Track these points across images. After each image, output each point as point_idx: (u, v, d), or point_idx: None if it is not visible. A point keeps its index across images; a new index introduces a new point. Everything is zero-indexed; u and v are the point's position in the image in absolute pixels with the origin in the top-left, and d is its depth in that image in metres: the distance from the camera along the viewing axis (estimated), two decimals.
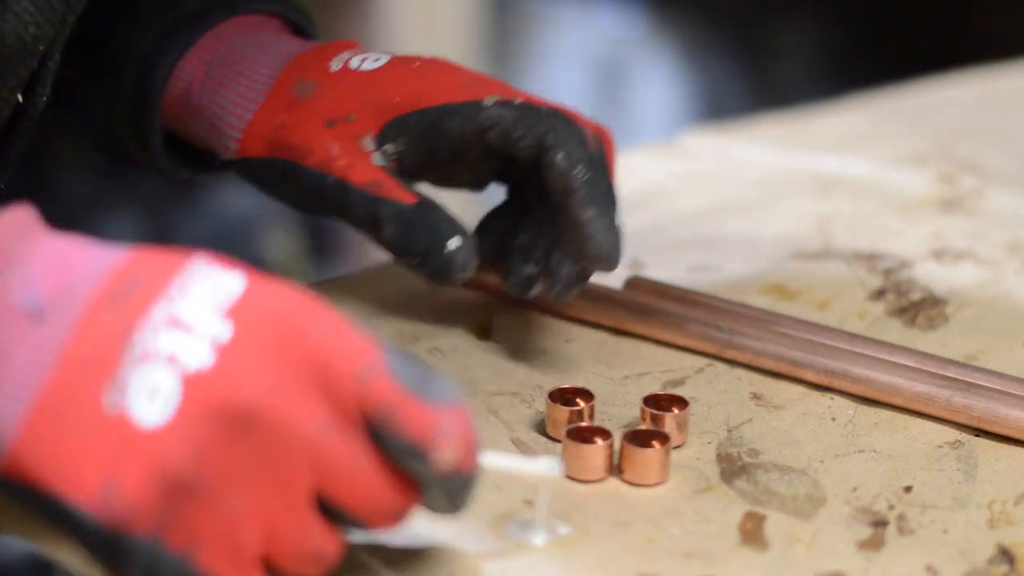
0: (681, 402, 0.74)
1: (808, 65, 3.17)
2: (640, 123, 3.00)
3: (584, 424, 0.72)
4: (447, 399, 0.57)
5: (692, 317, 0.82)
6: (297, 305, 0.57)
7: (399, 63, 0.76)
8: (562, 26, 3.29)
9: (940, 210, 1.04)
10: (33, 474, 0.56)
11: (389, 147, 0.74)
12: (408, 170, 0.76)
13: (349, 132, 0.74)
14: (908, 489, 0.71)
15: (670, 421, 0.73)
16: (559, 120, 0.73)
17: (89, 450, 0.55)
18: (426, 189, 0.78)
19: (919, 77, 1.32)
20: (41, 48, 0.71)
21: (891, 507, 0.70)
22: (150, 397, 0.56)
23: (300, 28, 0.82)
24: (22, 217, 0.58)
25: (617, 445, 0.71)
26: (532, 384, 0.78)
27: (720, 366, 0.81)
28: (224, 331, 0.56)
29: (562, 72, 3.17)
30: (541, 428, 0.74)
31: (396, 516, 0.58)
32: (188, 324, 0.56)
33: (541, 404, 0.76)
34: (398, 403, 0.56)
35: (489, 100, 0.74)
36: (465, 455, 0.57)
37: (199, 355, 0.56)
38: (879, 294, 0.90)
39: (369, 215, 0.72)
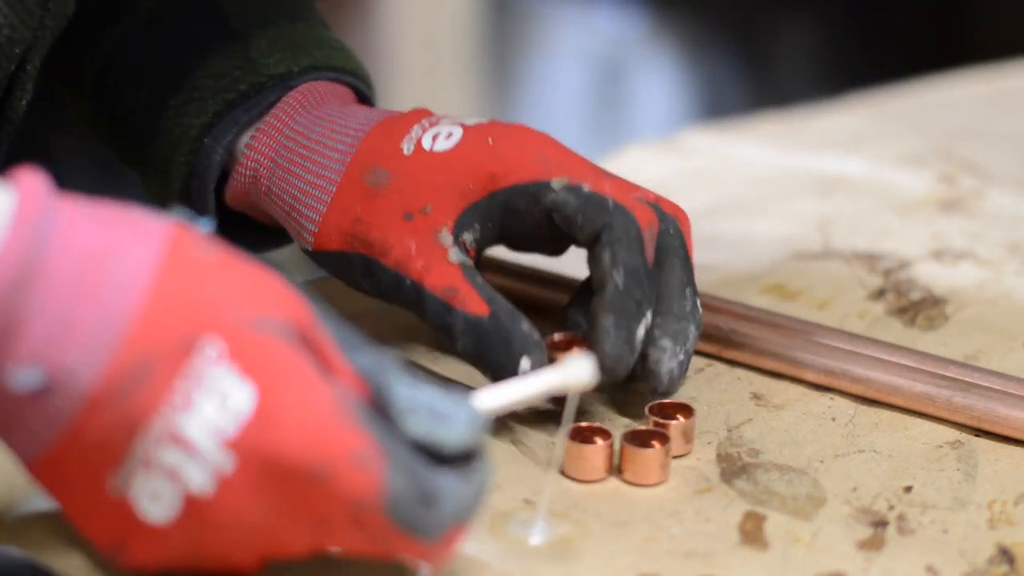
0: (686, 409, 0.73)
1: (808, 65, 3.17)
2: (640, 122, 3.00)
3: (584, 424, 0.72)
4: (440, 534, 0.57)
5: None
6: (304, 438, 0.56)
7: (472, 138, 0.74)
8: (562, 26, 3.29)
9: (940, 210, 1.04)
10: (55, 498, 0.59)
11: (467, 236, 0.73)
12: (485, 247, 0.76)
13: (427, 225, 0.72)
14: (908, 489, 0.71)
15: (675, 430, 0.72)
16: (618, 216, 0.72)
17: (95, 518, 0.58)
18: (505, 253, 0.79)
19: (919, 77, 1.32)
20: (18, 51, 0.70)
21: (891, 507, 0.70)
22: (151, 499, 0.57)
23: (359, 92, 0.81)
24: (34, 205, 0.56)
25: (617, 445, 0.71)
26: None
27: (720, 366, 0.81)
28: (226, 463, 0.56)
29: (562, 72, 3.17)
30: (541, 428, 0.74)
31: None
32: (191, 445, 0.56)
33: (542, 404, 0.76)
34: (391, 538, 0.57)
35: (557, 183, 0.73)
36: (445, 561, 0.59)
37: (200, 480, 0.57)
38: (879, 294, 0.90)
39: (444, 325, 0.72)
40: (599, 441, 0.71)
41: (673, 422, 0.73)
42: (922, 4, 3.04)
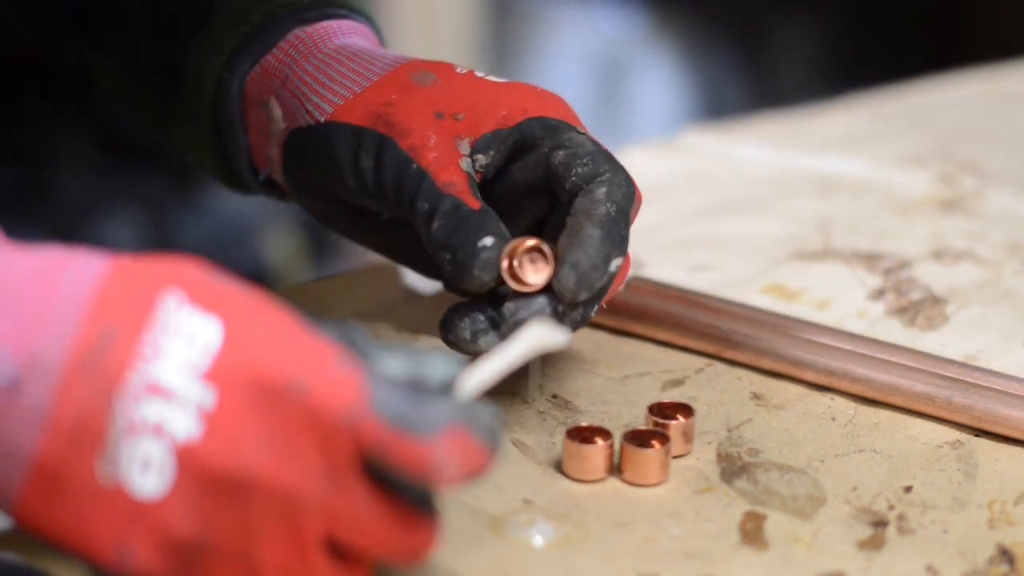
0: (686, 409, 0.73)
1: (808, 65, 3.17)
2: (640, 122, 3.00)
3: (584, 424, 0.72)
4: (437, 426, 0.56)
5: (692, 317, 0.82)
6: (275, 354, 0.56)
7: (524, 84, 0.76)
8: (562, 26, 3.29)
9: (940, 210, 1.04)
10: (46, 532, 0.57)
11: (480, 157, 0.74)
12: (491, 175, 0.75)
13: (452, 129, 0.74)
14: (908, 489, 0.71)
15: (675, 430, 0.72)
16: (621, 173, 0.73)
17: (93, 519, 0.56)
18: None
19: (919, 77, 1.32)
20: None
21: (891, 507, 0.70)
22: (143, 468, 0.56)
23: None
24: None
25: (617, 445, 0.71)
26: (533, 384, 0.78)
27: (720, 366, 0.81)
28: (207, 397, 0.56)
29: (562, 72, 3.17)
30: (541, 428, 0.74)
31: (413, 551, 0.58)
32: (169, 391, 0.56)
33: (542, 404, 0.76)
34: (388, 443, 0.56)
35: (582, 130, 0.74)
36: (471, 469, 0.57)
37: (186, 425, 0.56)
38: (879, 294, 0.90)
39: (431, 207, 0.72)
40: (599, 441, 0.71)
41: (673, 422, 0.73)
42: (922, 4, 3.04)
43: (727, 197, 1.05)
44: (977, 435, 0.76)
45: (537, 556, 0.65)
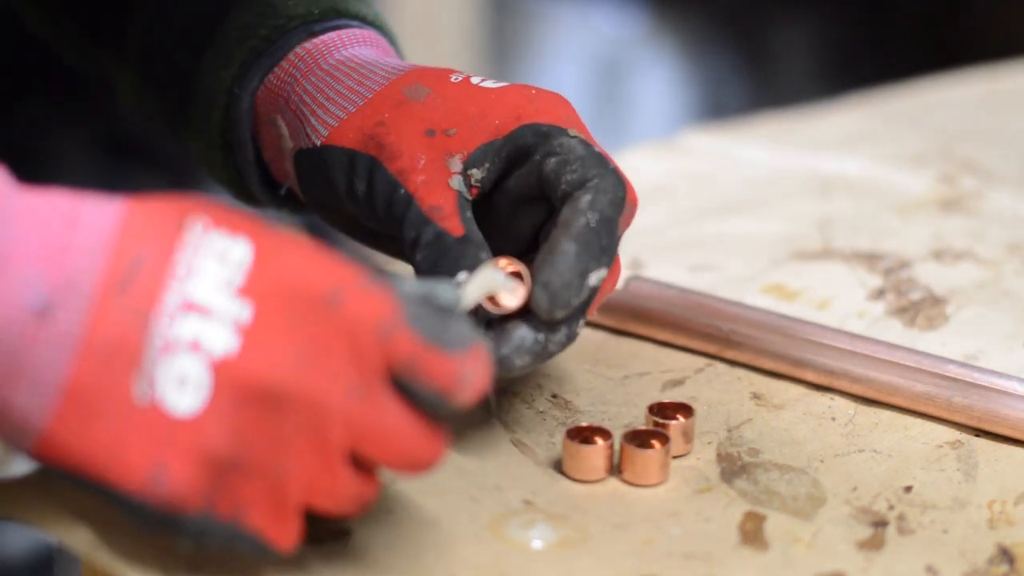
0: (686, 409, 0.73)
1: (808, 65, 3.17)
2: (640, 122, 3.00)
3: (584, 424, 0.72)
4: (465, 345, 0.58)
5: (692, 317, 0.82)
6: (309, 269, 0.58)
7: (518, 86, 0.75)
8: (562, 26, 3.29)
9: (940, 210, 1.04)
10: (72, 462, 0.57)
11: (475, 172, 0.73)
12: (488, 187, 0.75)
13: (443, 146, 0.73)
14: (908, 489, 0.71)
15: (675, 430, 0.72)
16: (612, 176, 0.71)
17: (128, 440, 0.57)
18: None
19: (919, 77, 1.32)
20: None
21: (891, 507, 0.70)
22: (179, 386, 0.57)
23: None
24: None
25: (617, 445, 0.71)
26: (533, 384, 0.78)
27: (720, 366, 0.81)
28: (244, 311, 0.57)
29: (562, 72, 3.17)
30: (540, 428, 0.74)
31: (428, 463, 0.60)
32: (205, 307, 0.57)
33: (541, 404, 0.76)
34: (420, 356, 0.58)
35: (573, 132, 0.73)
36: (484, 388, 0.60)
37: (223, 340, 0.57)
38: (879, 294, 0.90)
39: (416, 235, 0.72)
40: (599, 441, 0.71)
41: (673, 422, 0.73)
42: (922, 4, 3.04)
43: (727, 197, 1.05)
44: (977, 435, 0.76)
45: (536, 557, 0.65)
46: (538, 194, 0.73)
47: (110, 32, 0.84)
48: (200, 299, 0.57)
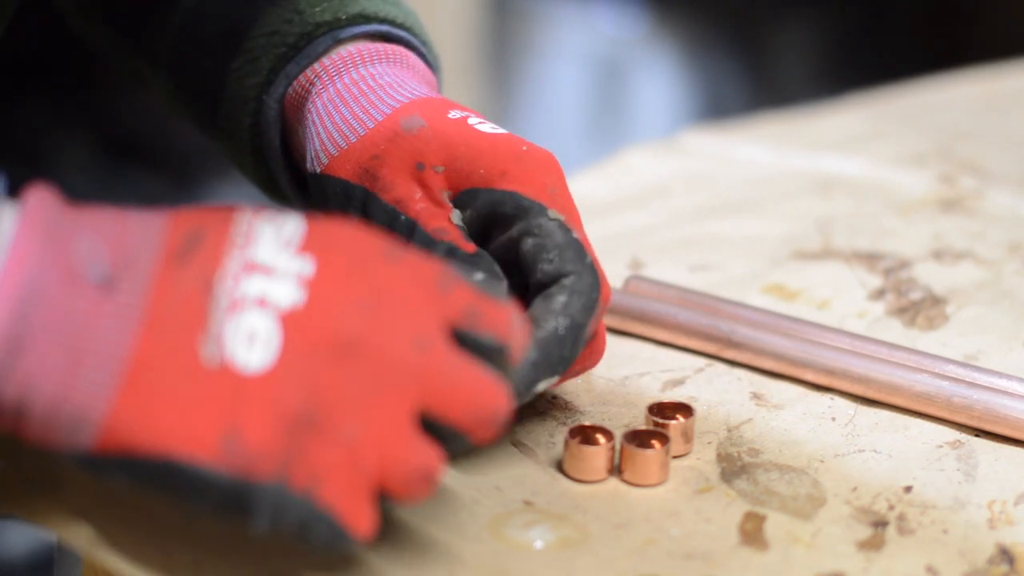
0: (686, 409, 0.73)
1: (808, 65, 3.17)
2: (640, 123, 3.00)
3: (585, 424, 0.72)
4: (504, 299, 0.60)
5: (692, 317, 0.82)
6: (362, 232, 0.59)
7: (511, 137, 0.74)
8: (562, 26, 3.29)
9: (940, 210, 1.04)
10: (138, 441, 0.56)
11: (459, 213, 0.73)
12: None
13: (434, 182, 0.73)
14: (908, 489, 0.71)
15: (675, 430, 0.72)
16: (590, 274, 0.71)
17: (199, 405, 0.56)
18: None
19: (919, 77, 1.32)
20: None
21: (891, 507, 0.70)
22: (249, 343, 0.56)
23: (417, 51, 0.82)
24: (49, 197, 0.57)
25: (617, 446, 0.71)
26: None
27: (720, 366, 0.81)
28: (306, 266, 0.57)
29: (562, 72, 3.17)
30: (540, 428, 0.74)
31: (496, 411, 0.59)
32: (268, 266, 0.57)
33: (541, 405, 0.76)
34: (481, 305, 0.59)
35: (554, 213, 0.72)
36: (523, 345, 0.61)
37: (289, 293, 0.57)
38: (879, 294, 0.90)
39: (425, 252, 0.72)
40: (601, 441, 0.71)
41: (673, 422, 0.73)
42: (922, 4, 3.04)
43: (727, 197, 1.05)
44: (977, 435, 0.76)
45: (537, 558, 0.65)
46: (515, 263, 0.73)
47: (144, 37, 0.85)
48: (262, 259, 0.57)
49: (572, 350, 0.70)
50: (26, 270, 0.55)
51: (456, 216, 0.73)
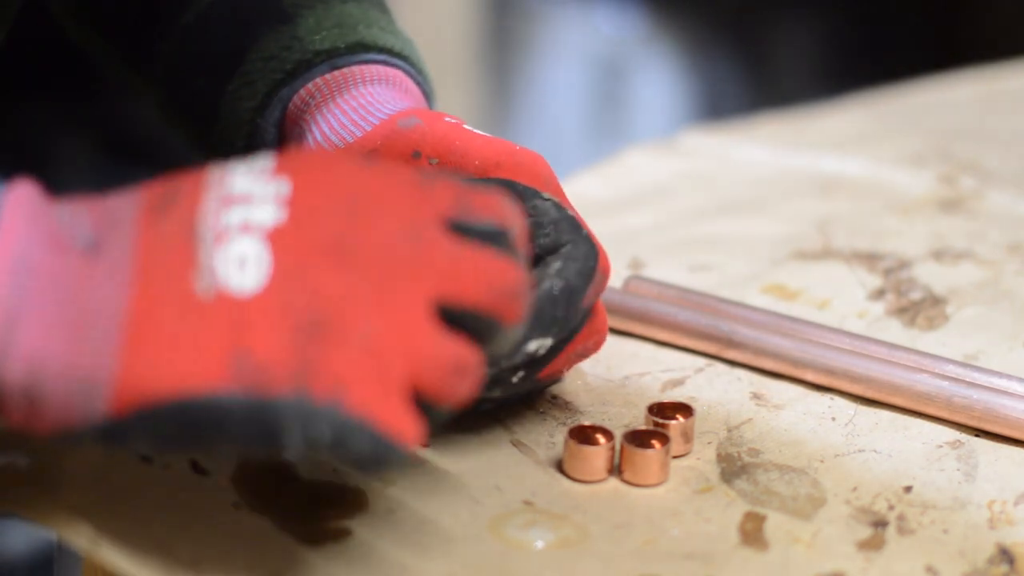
0: (686, 409, 0.73)
1: (808, 65, 3.17)
2: (640, 123, 3.00)
3: (585, 424, 0.72)
4: (489, 186, 0.60)
5: (692, 317, 0.82)
6: (333, 152, 0.60)
7: (503, 141, 0.76)
8: (562, 26, 3.29)
9: (940, 210, 1.04)
10: (152, 390, 0.55)
11: None
12: None
13: (428, 170, 0.74)
14: (908, 489, 0.71)
15: (675, 430, 0.72)
16: (586, 244, 0.71)
17: (203, 339, 0.55)
18: None
19: (919, 77, 1.32)
20: None
21: (891, 507, 0.70)
22: (240, 267, 0.56)
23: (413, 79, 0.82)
24: (31, 184, 0.58)
25: (617, 446, 0.71)
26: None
27: (720, 366, 0.81)
28: (282, 187, 0.58)
29: (562, 72, 3.17)
30: (540, 428, 0.74)
31: (514, 284, 0.58)
32: (245, 195, 0.57)
33: (541, 405, 0.76)
34: (468, 194, 0.59)
35: (548, 195, 0.73)
36: (522, 231, 0.60)
37: (270, 213, 0.57)
38: (879, 294, 0.90)
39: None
40: (601, 441, 0.71)
41: (673, 422, 0.73)
42: (922, 4, 3.04)
43: (727, 197, 1.05)
44: (977, 435, 0.76)
45: (537, 558, 0.65)
46: None
47: (142, 54, 0.85)
48: (238, 190, 0.57)
49: (566, 312, 0.70)
50: (14, 244, 0.55)
51: None
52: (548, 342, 0.70)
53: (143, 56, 0.85)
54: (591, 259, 0.71)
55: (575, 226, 0.72)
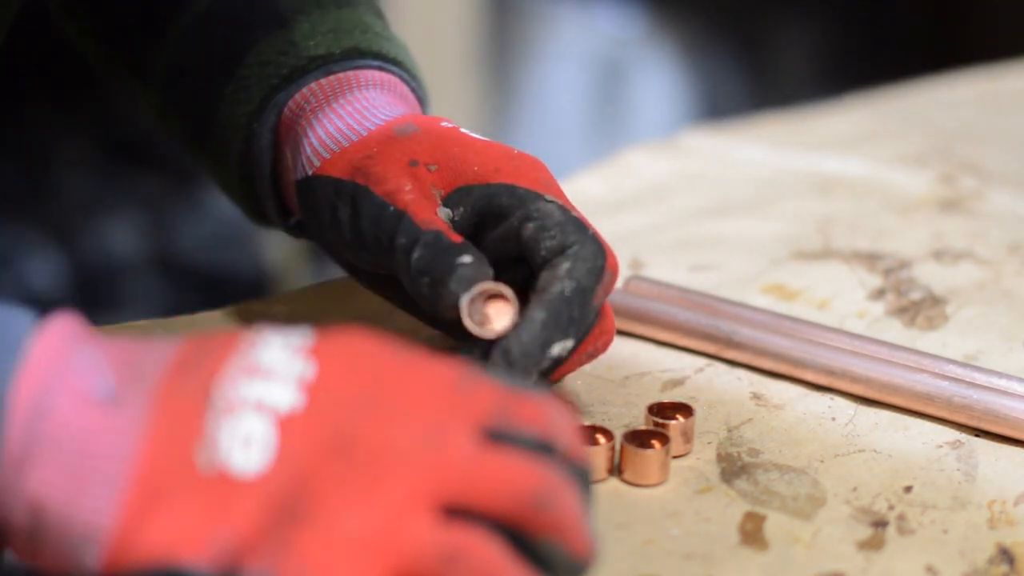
0: (686, 409, 0.73)
1: (808, 65, 3.17)
2: (640, 123, 3.00)
3: (586, 424, 0.72)
4: (544, 393, 0.57)
5: (692, 317, 0.82)
6: (372, 340, 0.57)
7: (501, 145, 0.75)
8: (562, 26, 3.29)
9: (940, 210, 1.04)
10: (140, 555, 0.55)
11: (448, 212, 0.73)
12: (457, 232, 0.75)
13: (425, 178, 0.74)
14: (908, 489, 0.71)
15: (675, 430, 0.72)
16: (592, 243, 0.71)
17: (194, 513, 0.54)
18: None
19: (919, 77, 1.32)
20: None
21: (891, 507, 0.70)
22: (244, 446, 0.55)
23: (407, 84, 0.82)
24: (71, 322, 0.57)
25: (617, 446, 0.71)
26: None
27: (720, 366, 0.81)
28: (308, 369, 0.56)
29: (562, 72, 3.17)
30: None
31: (536, 500, 0.54)
32: (269, 370, 0.56)
33: None
34: (510, 401, 0.56)
35: (550, 197, 0.73)
36: (576, 440, 0.56)
37: (288, 396, 0.55)
38: (879, 294, 0.90)
39: (411, 240, 0.72)
40: (600, 441, 0.71)
41: (673, 422, 0.73)
42: (922, 4, 3.04)
43: (727, 197, 1.05)
44: (977, 435, 0.76)
45: None
46: (517, 255, 0.73)
47: (140, 56, 0.85)
48: (265, 363, 0.56)
49: (581, 312, 0.69)
50: (35, 387, 0.55)
51: (444, 213, 0.73)
52: (570, 344, 0.69)
53: (141, 61, 0.85)
54: (599, 258, 0.71)
55: (581, 227, 0.71)
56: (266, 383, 0.56)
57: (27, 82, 2.30)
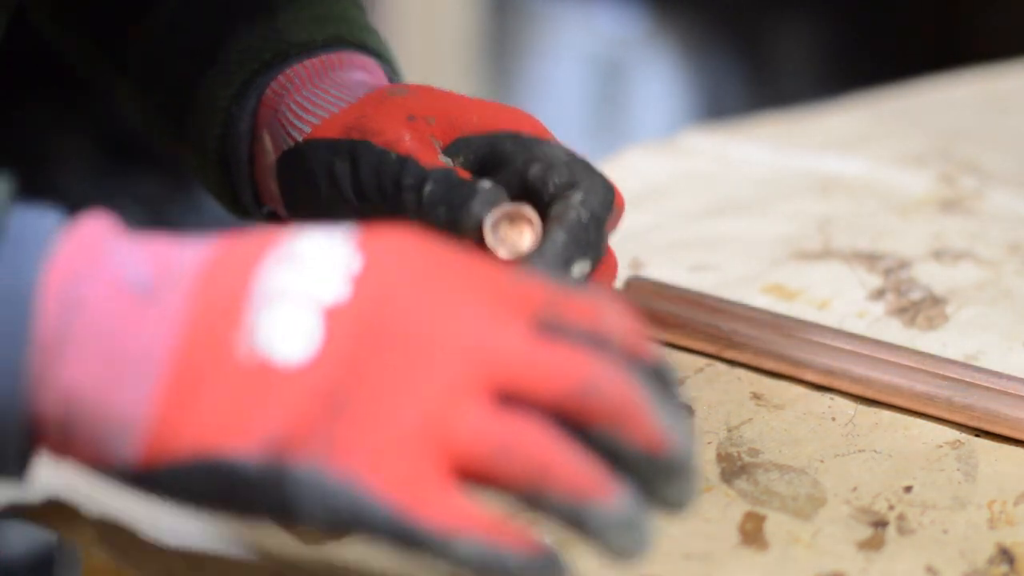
0: (686, 409, 0.73)
1: (808, 65, 3.17)
2: (640, 123, 3.00)
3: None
4: (591, 289, 0.55)
5: (692, 317, 0.82)
6: (419, 236, 0.55)
7: (497, 103, 0.76)
8: (562, 26, 3.29)
9: (940, 210, 1.04)
10: (180, 445, 0.53)
11: (449, 160, 0.73)
12: None
13: (425, 130, 0.74)
14: (908, 489, 0.71)
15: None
16: (601, 180, 0.71)
17: (235, 403, 0.53)
18: None
19: (919, 77, 1.32)
20: None
21: (891, 507, 0.70)
22: (289, 336, 0.53)
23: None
24: (105, 217, 0.56)
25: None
26: None
27: (720, 366, 0.81)
28: (355, 262, 0.54)
29: (562, 72, 3.17)
30: None
31: (589, 387, 0.53)
32: (313, 261, 0.54)
33: None
34: (561, 296, 0.54)
35: (554, 141, 0.73)
36: (633, 330, 0.54)
37: (333, 288, 0.54)
38: (879, 294, 0.90)
39: (419, 179, 0.71)
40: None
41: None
42: (922, 4, 3.04)
43: (727, 197, 1.05)
44: (977, 435, 0.76)
45: None
46: (520, 197, 0.73)
47: (119, 45, 0.85)
48: (309, 253, 0.54)
49: (596, 237, 0.70)
50: (69, 275, 0.54)
51: (444, 161, 0.73)
52: (588, 266, 0.70)
53: (120, 49, 0.85)
54: (609, 192, 0.71)
55: (587, 165, 0.72)
56: (310, 274, 0.54)
57: (26, 82, 2.30)
